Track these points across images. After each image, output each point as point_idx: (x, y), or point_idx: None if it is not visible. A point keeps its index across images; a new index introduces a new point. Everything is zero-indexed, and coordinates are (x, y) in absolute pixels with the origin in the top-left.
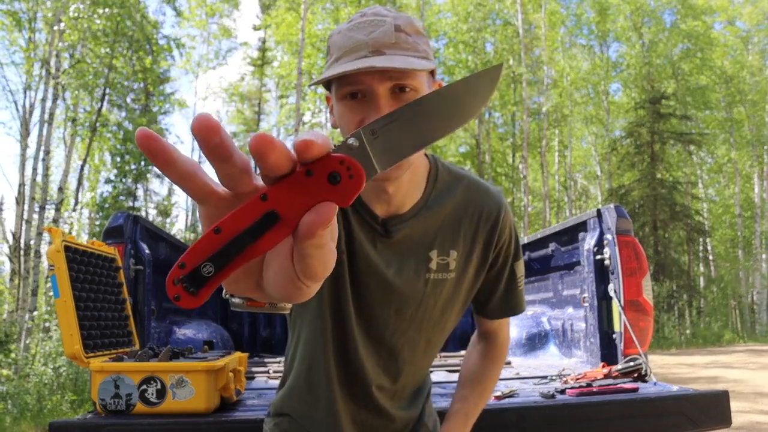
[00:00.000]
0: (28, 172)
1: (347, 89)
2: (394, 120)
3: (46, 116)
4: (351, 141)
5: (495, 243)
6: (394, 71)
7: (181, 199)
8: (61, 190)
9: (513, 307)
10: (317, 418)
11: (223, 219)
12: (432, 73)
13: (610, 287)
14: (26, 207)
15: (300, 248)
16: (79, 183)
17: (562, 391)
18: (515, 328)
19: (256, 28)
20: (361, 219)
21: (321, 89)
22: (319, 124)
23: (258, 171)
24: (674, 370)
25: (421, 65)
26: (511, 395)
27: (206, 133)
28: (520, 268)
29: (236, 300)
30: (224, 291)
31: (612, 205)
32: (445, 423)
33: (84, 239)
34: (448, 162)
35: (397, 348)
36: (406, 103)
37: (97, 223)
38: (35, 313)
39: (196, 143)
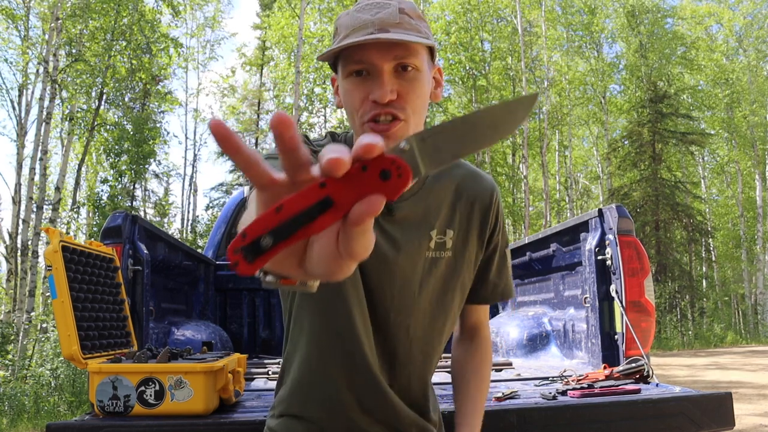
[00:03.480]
0: (25, 171)
1: (353, 66)
2: (441, 131)
3: (44, 115)
4: (403, 145)
5: (488, 225)
6: (397, 48)
7: (178, 199)
8: (58, 189)
9: (504, 292)
10: (326, 407)
11: (285, 199)
12: (432, 56)
13: (612, 288)
14: (23, 207)
15: (348, 232)
16: (77, 183)
17: (564, 393)
18: (516, 328)
19: (255, 27)
20: None
21: (318, 89)
22: (315, 124)
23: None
24: (676, 372)
25: (423, 41)
26: (512, 396)
27: (282, 127)
28: (509, 253)
29: (270, 278)
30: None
31: (613, 205)
32: None
33: (82, 239)
34: None
35: (403, 329)
36: (454, 118)
37: (95, 223)
38: (33, 313)
39: (192, 143)
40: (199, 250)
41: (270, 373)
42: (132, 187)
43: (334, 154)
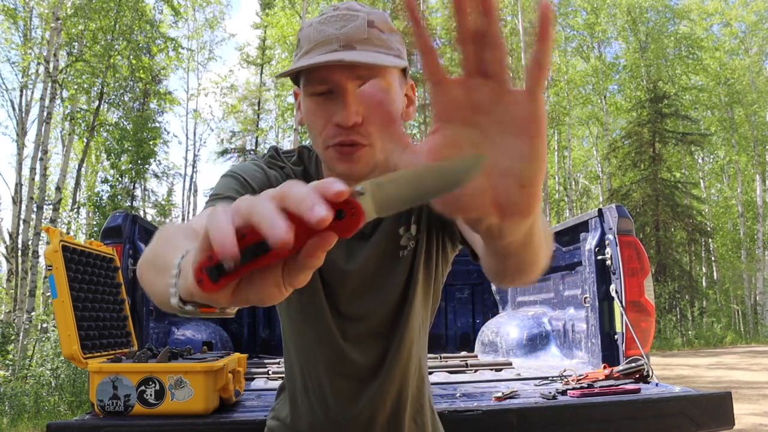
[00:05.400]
0: (26, 171)
1: (316, 86)
2: (396, 180)
3: (44, 115)
4: (360, 188)
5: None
6: (363, 67)
7: (179, 199)
8: (59, 189)
9: None
10: (318, 424)
11: (248, 230)
12: (404, 72)
13: (612, 288)
14: (24, 207)
15: (298, 264)
16: (77, 183)
17: (564, 392)
18: (516, 328)
19: (255, 27)
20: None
21: None
22: None
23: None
24: (676, 371)
25: (392, 62)
26: (512, 396)
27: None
28: None
29: (189, 307)
30: (176, 299)
31: (613, 205)
32: None
33: (82, 239)
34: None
35: (391, 332)
36: (408, 169)
37: (95, 222)
38: (33, 313)
39: (192, 143)
40: None
41: (270, 372)
42: (132, 186)
43: (318, 208)
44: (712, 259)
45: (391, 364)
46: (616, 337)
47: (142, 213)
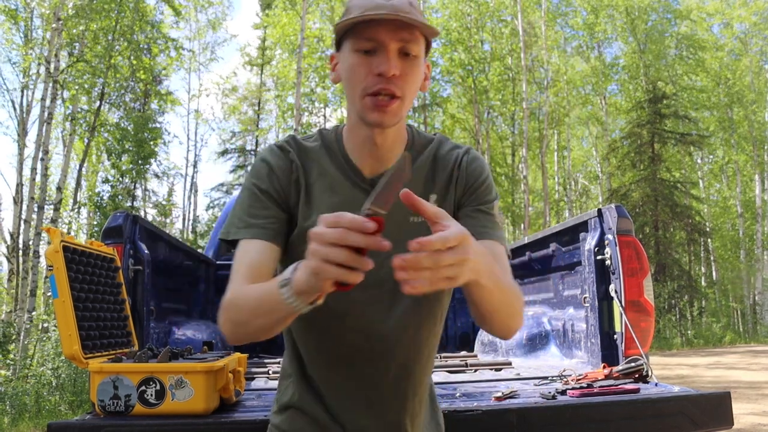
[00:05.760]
0: (26, 171)
1: (362, 44)
2: (378, 190)
3: (45, 115)
4: (368, 212)
5: (465, 185)
6: (405, 31)
7: (180, 199)
8: (59, 189)
9: (483, 232)
10: (326, 406)
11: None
12: (427, 50)
13: (611, 287)
14: (24, 207)
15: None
16: (78, 183)
17: (563, 392)
18: None
19: (255, 27)
20: (350, 181)
21: (319, 89)
22: (315, 124)
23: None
24: (675, 371)
25: (432, 27)
26: (511, 396)
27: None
28: (496, 208)
29: (307, 309)
30: (307, 308)
31: (613, 205)
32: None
33: (82, 239)
34: (421, 130)
35: (398, 296)
36: (380, 183)
37: (96, 222)
38: (34, 313)
39: (194, 144)
40: (200, 250)
41: (270, 372)
42: (133, 187)
43: (383, 243)
44: (712, 258)
45: (399, 329)
46: (615, 336)
47: (142, 213)
